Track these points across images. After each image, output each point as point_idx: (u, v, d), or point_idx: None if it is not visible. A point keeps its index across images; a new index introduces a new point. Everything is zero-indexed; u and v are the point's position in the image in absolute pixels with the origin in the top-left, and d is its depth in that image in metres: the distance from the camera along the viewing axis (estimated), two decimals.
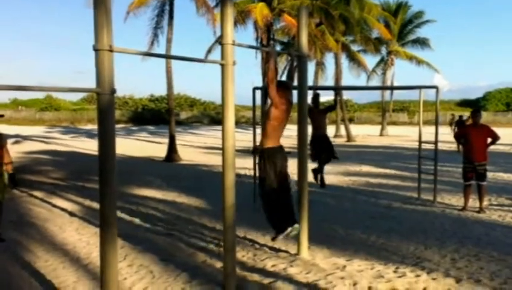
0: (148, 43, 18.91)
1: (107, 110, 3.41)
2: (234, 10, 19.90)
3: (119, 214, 7.35)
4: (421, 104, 9.59)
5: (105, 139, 3.44)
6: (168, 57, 3.79)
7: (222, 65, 4.37)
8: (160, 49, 18.83)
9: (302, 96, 5.68)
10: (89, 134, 37.18)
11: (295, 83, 5.74)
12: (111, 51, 3.34)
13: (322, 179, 9.46)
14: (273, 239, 5.42)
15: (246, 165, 12.94)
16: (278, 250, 6.00)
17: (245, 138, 22.57)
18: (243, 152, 17.72)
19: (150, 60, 18.88)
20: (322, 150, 9.20)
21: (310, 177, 6.77)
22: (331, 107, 10.34)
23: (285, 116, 5.14)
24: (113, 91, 3.41)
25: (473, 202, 8.62)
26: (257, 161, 5.48)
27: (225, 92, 4.42)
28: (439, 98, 9.69)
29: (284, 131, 5.41)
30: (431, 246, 6.11)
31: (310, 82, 25.72)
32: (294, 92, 5.53)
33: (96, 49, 3.31)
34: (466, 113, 30.02)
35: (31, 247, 6.12)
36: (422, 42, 37.16)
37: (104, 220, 3.46)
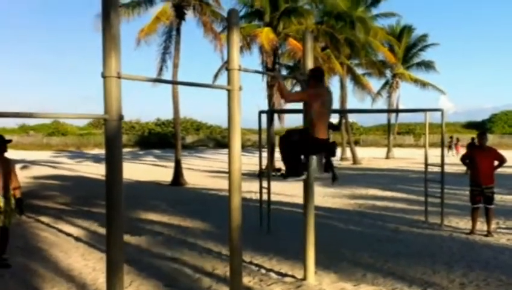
0: (157, 69, 19.17)
1: (114, 136, 3.45)
2: (240, 35, 20.21)
3: (125, 238, 7.34)
4: (427, 127, 9.60)
5: (113, 164, 3.47)
6: (176, 83, 3.86)
7: (228, 90, 4.42)
8: (168, 74, 19.04)
9: (306, 115, 5.70)
10: (95, 158, 37.31)
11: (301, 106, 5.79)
12: (119, 77, 3.39)
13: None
14: (284, 177, 5.56)
15: (252, 188, 12.93)
16: (284, 275, 5.96)
17: (251, 162, 22.61)
18: (248, 175, 17.74)
19: (159, 85, 19.04)
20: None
21: (317, 201, 6.75)
22: (334, 126, 10.33)
23: (325, 103, 5.18)
24: (121, 117, 3.45)
25: (481, 225, 8.56)
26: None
27: (231, 116, 4.46)
28: (445, 121, 9.71)
29: None
30: (439, 270, 6.05)
31: None
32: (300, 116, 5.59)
33: (104, 76, 3.37)
34: (471, 136, 29.97)
35: (38, 272, 6.11)
36: (427, 65, 37.32)
37: (111, 245, 3.46)
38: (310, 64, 5.57)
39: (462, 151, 37.95)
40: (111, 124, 3.43)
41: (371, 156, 36.36)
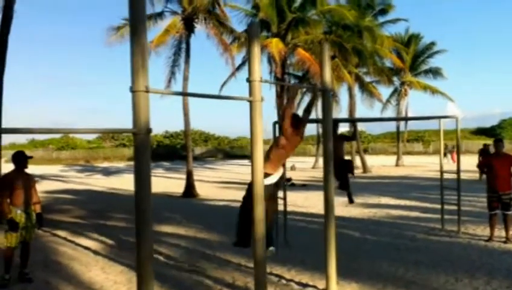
0: (165, 81, 19.33)
1: (143, 149, 3.49)
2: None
3: None
4: (442, 134, 9.59)
5: (142, 178, 3.50)
6: (198, 95, 3.88)
7: (250, 102, 4.46)
8: (177, 86, 19.18)
9: (326, 130, 5.74)
10: (105, 172, 37.52)
11: (313, 115, 5.84)
12: (147, 92, 3.44)
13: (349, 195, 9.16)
14: (234, 245, 5.82)
15: None
16: (306, 285, 5.96)
17: None
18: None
19: (168, 97, 19.20)
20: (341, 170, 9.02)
21: (337, 211, 6.74)
22: (349, 137, 10.34)
23: (292, 148, 5.45)
24: (149, 131, 3.49)
25: (499, 232, 8.50)
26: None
27: (253, 127, 4.49)
28: (452, 127, 9.71)
29: (300, 164, 5.57)
30: (461, 278, 6.02)
31: None
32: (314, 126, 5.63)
33: (133, 91, 3.42)
34: (481, 142, 29.84)
35: (60, 286, 6.14)
36: (435, 72, 37.34)
37: (141, 259, 3.49)
38: (327, 75, 5.61)
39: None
40: (140, 137, 3.47)
41: (380, 164, 36.27)
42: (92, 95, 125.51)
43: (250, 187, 4.95)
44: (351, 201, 9.22)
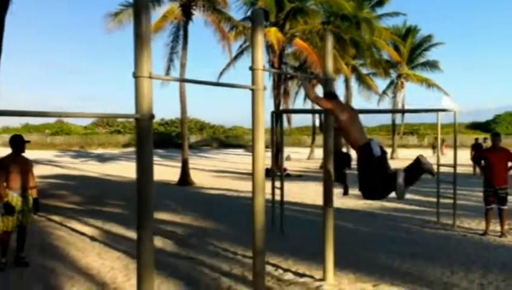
0: (164, 69, 19.22)
1: (146, 135, 3.47)
2: (245, 35, 20.08)
3: None
4: (439, 128, 9.60)
5: (144, 164, 3.48)
6: (200, 82, 3.84)
7: (253, 90, 4.43)
8: (175, 73, 19.09)
9: (327, 120, 5.72)
10: (99, 158, 37.44)
11: (310, 106, 5.79)
12: (150, 78, 3.40)
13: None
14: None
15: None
16: (302, 275, 5.97)
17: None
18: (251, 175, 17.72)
19: (165, 84, 19.09)
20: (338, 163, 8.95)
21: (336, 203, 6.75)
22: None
23: (354, 115, 4.72)
24: (152, 117, 3.46)
25: (494, 226, 8.55)
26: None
27: (255, 115, 4.47)
28: (448, 121, 9.73)
29: (295, 154, 5.43)
30: (457, 271, 6.05)
31: None
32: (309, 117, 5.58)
33: (136, 76, 3.38)
34: (475, 136, 29.98)
35: (57, 271, 6.12)
36: (431, 65, 37.34)
37: (142, 247, 3.48)
38: (330, 64, 5.58)
39: (447, 152, 38.23)
40: (142, 123, 3.44)
41: None
42: (89, 83, 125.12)
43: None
44: (345, 193, 9.26)
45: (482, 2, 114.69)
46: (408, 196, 13.59)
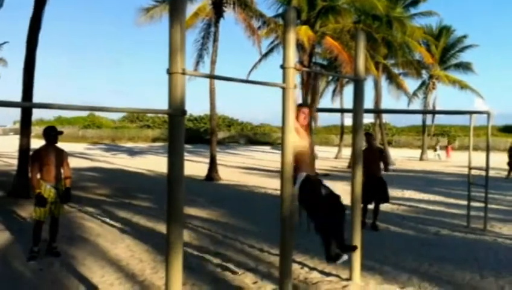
0: (193, 65, 19.40)
1: (178, 131, 3.53)
2: (278, 33, 20.02)
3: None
4: (471, 130, 9.40)
5: (175, 159, 3.54)
6: (232, 80, 3.88)
7: (283, 88, 4.45)
8: (204, 69, 19.26)
9: (357, 119, 5.69)
10: (129, 152, 38.05)
11: (338, 105, 5.77)
12: (183, 74, 3.46)
13: (373, 223, 9.02)
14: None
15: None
16: (329, 274, 5.96)
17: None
18: (279, 172, 17.72)
19: (193, 80, 19.30)
20: (374, 194, 8.91)
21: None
22: (383, 152, 10.04)
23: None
24: (184, 112, 3.52)
25: None
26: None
27: (286, 114, 4.50)
28: (479, 124, 9.52)
29: (322, 153, 5.45)
30: (487, 276, 5.94)
31: (350, 105, 25.74)
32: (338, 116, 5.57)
33: (170, 73, 3.44)
34: (509, 140, 29.23)
35: (86, 262, 6.27)
36: (465, 66, 36.52)
37: (172, 241, 3.54)
38: (361, 64, 5.55)
39: (453, 154, 37.34)
40: (175, 119, 3.51)
41: (404, 157, 35.91)
42: (119, 77, 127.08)
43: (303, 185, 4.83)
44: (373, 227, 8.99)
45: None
46: (438, 198, 13.47)
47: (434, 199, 13.49)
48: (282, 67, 4.47)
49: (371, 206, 9.09)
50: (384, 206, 11.68)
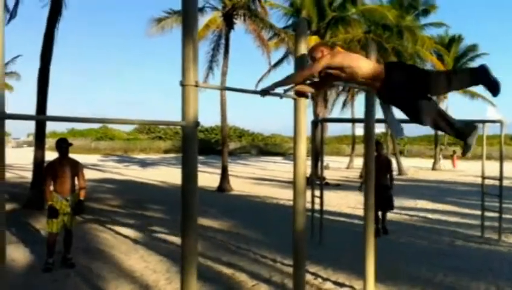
0: (203, 76, 19.53)
1: (191, 142, 3.56)
2: (288, 43, 20.09)
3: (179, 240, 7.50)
4: (484, 139, 9.35)
5: (188, 171, 3.57)
6: (244, 91, 3.92)
7: (295, 99, 4.48)
8: (215, 81, 19.37)
9: (368, 129, 5.69)
10: (141, 163, 38.23)
11: (348, 115, 5.76)
12: (196, 86, 3.50)
13: (383, 227, 9.55)
14: None
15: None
16: (342, 285, 5.94)
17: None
18: (290, 183, 17.72)
19: (204, 92, 19.39)
20: (379, 202, 8.91)
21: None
22: (389, 163, 10.06)
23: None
24: (197, 124, 3.55)
25: None
26: None
27: (297, 123, 4.51)
28: (492, 133, 9.46)
29: (333, 163, 5.43)
30: (503, 287, 5.88)
31: (361, 115, 25.68)
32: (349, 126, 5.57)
33: (183, 85, 3.48)
34: None
35: (101, 273, 6.32)
36: None
37: (186, 253, 3.55)
38: None
39: (459, 163, 36.84)
40: (188, 130, 3.54)
41: (416, 167, 35.66)
42: (129, 89, 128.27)
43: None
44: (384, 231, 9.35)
45: None
46: (451, 208, 13.36)
47: (447, 209, 13.38)
48: None
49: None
50: (397, 217, 11.66)
